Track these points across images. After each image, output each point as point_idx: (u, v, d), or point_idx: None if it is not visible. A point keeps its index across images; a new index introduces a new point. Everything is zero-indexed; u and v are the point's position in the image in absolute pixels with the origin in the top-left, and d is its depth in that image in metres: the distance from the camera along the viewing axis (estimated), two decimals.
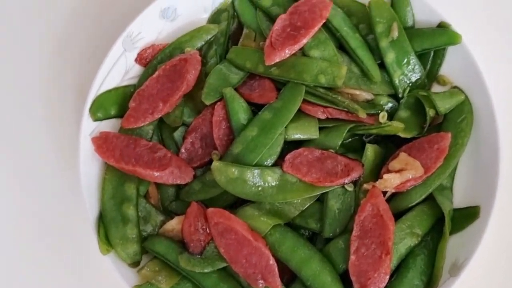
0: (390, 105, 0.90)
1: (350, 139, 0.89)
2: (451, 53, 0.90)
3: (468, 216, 0.84)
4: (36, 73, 1.03)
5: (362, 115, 0.84)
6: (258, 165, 0.83)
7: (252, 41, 0.93)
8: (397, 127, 0.84)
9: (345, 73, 0.86)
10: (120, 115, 0.90)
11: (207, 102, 0.87)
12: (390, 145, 0.88)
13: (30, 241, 0.98)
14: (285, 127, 0.84)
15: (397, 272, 0.83)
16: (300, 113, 0.86)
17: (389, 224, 0.80)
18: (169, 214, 0.89)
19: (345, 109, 0.85)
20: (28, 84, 1.03)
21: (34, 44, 1.05)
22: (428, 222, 0.84)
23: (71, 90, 1.02)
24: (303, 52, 0.88)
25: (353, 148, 0.89)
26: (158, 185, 0.91)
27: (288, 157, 0.84)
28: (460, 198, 0.87)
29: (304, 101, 0.86)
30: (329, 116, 0.87)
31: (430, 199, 0.85)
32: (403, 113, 0.88)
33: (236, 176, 0.82)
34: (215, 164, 0.82)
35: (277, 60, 0.86)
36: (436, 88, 0.92)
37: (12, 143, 1.01)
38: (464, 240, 0.83)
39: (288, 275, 0.85)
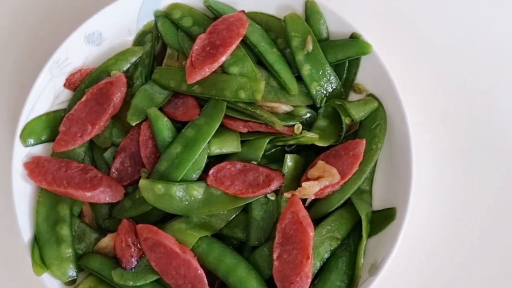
0: (309, 115, 0.93)
1: (273, 150, 0.93)
2: (365, 62, 0.94)
3: (385, 217, 0.88)
4: None
5: (279, 127, 0.87)
6: (183, 180, 0.87)
7: (176, 61, 0.97)
8: (312, 138, 0.88)
9: (263, 87, 0.89)
10: (51, 139, 0.93)
11: (132, 123, 0.90)
12: (311, 153, 0.92)
13: None
14: (208, 143, 0.88)
15: (320, 274, 0.87)
16: (223, 128, 0.89)
17: (308, 230, 0.83)
18: (103, 232, 0.92)
19: (264, 122, 0.89)
20: None
21: None
22: (347, 225, 0.88)
23: (3, 116, 1.04)
24: (223, 69, 0.92)
25: (276, 159, 0.92)
26: (92, 204, 0.93)
27: (212, 171, 0.87)
28: (379, 200, 0.91)
29: (226, 116, 0.89)
30: (250, 130, 0.90)
31: (349, 204, 0.89)
32: (321, 122, 0.92)
33: (162, 192, 0.85)
34: (142, 182, 0.85)
35: (198, 78, 0.89)
36: (353, 96, 0.96)
37: None
38: (382, 240, 0.87)
39: (219, 283, 0.88)
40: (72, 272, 0.89)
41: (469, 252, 0.97)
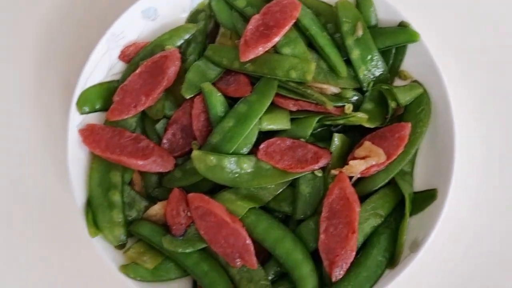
0: (355, 98, 0.96)
1: (319, 129, 0.96)
2: (411, 50, 0.97)
3: (427, 198, 0.91)
4: (25, 69, 1.09)
5: (330, 106, 0.90)
6: (234, 153, 0.89)
7: (228, 40, 1.00)
8: (361, 118, 0.91)
9: (314, 68, 0.92)
10: (105, 108, 0.96)
11: (187, 96, 0.93)
12: (356, 134, 0.95)
13: (21, 227, 1.03)
14: (260, 119, 0.91)
15: (363, 249, 0.90)
16: (273, 106, 0.92)
17: (354, 205, 0.87)
18: (152, 200, 0.95)
19: (314, 102, 0.92)
20: (19, 78, 1.09)
21: (23, 41, 1.10)
22: (390, 204, 0.91)
23: (59, 85, 1.07)
24: (275, 49, 0.94)
25: (322, 138, 0.95)
26: (142, 173, 0.96)
27: (262, 146, 0.90)
28: (420, 182, 0.94)
29: (277, 94, 0.92)
30: (300, 108, 0.93)
31: (392, 183, 0.92)
32: (367, 105, 0.95)
33: (214, 164, 0.88)
34: (195, 153, 0.88)
35: (251, 57, 0.92)
36: (397, 82, 0.99)
37: (3, 135, 1.07)
38: (423, 219, 0.90)
39: (264, 255, 0.91)
40: (122, 236, 0.91)
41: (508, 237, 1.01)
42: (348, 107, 0.92)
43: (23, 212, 1.04)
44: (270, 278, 0.90)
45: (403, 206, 0.91)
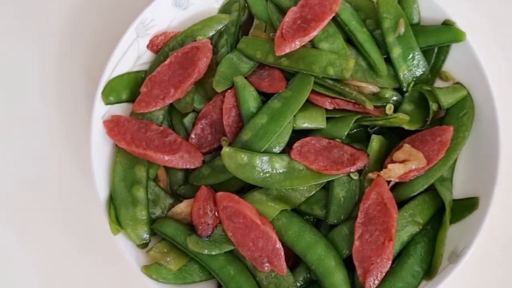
0: (394, 98, 0.92)
1: (355, 130, 0.92)
2: (454, 50, 0.92)
3: (467, 206, 0.87)
4: (50, 56, 1.05)
5: (369, 106, 0.86)
6: (266, 152, 0.85)
7: (263, 32, 0.95)
8: (402, 119, 0.87)
9: (352, 65, 0.88)
10: (130, 99, 0.92)
11: (218, 90, 0.89)
12: (394, 136, 0.91)
13: (41, 221, 1.00)
14: (294, 116, 0.86)
15: (398, 258, 0.86)
16: (308, 103, 0.88)
17: (392, 211, 0.82)
18: (177, 198, 0.91)
19: (352, 101, 0.87)
20: (44, 65, 1.05)
21: (49, 28, 1.06)
22: (429, 211, 0.87)
23: (83, 74, 1.03)
24: (312, 44, 0.90)
25: (358, 139, 0.91)
26: (167, 169, 0.92)
27: (296, 145, 0.86)
28: (459, 189, 0.90)
29: (313, 91, 0.88)
30: (337, 107, 0.89)
31: (431, 190, 0.87)
32: (407, 106, 0.91)
33: (245, 162, 0.84)
34: (225, 149, 0.84)
35: (287, 51, 0.88)
36: (438, 83, 0.94)
37: (25, 125, 1.03)
38: (463, 229, 0.86)
39: (293, 260, 0.87)
40: (145, 235, 0.87)
41: None
42: (390, 108, 0.88)
43: (44, 205, 1.00)
44: (299, 285, 0.86)
45: (441, 214, 0.87)
